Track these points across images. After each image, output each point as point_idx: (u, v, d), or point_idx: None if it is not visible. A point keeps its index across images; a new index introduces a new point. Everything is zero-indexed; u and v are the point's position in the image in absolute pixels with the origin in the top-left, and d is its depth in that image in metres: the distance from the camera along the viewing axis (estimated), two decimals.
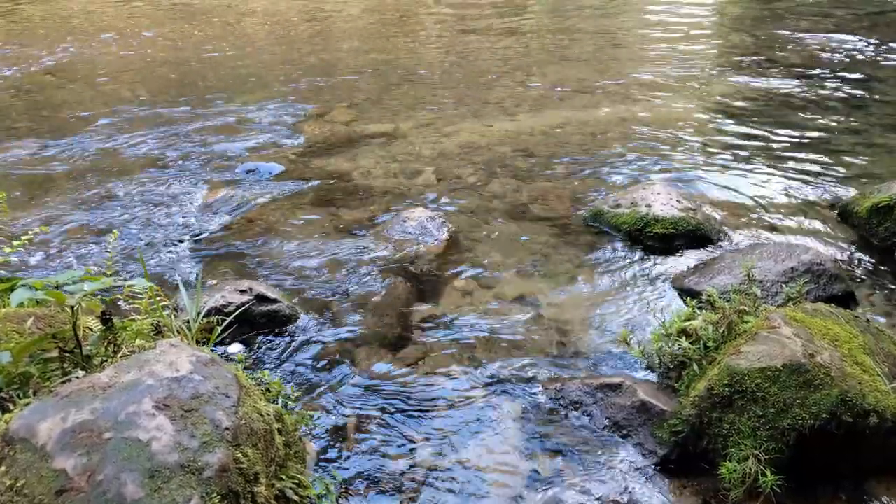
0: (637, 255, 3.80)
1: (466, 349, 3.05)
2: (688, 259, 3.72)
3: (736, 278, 3.21)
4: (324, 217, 4.34)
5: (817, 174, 4.76)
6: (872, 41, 8.21)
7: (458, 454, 2.47)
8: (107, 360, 2.10)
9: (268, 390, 2.44)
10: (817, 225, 4.08)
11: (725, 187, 4.61)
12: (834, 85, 6.72)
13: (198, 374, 1.94)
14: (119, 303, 2.96)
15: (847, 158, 5.02)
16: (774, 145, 5.32)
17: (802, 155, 5.10)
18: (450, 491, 2.31)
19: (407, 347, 3.08)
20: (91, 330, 2.26)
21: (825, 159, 5.01)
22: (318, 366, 2.96)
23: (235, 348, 2.98)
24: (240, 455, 1.82)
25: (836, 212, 4.19)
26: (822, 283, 3.22)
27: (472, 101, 6.70)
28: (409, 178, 4.94)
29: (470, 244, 3.98)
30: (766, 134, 5.56)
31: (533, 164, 5.08)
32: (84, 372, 2.01)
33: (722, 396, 2.31)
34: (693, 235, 3.85)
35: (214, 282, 3.49)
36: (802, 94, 6.49)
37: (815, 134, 5.52)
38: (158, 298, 2.61)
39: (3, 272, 3.18)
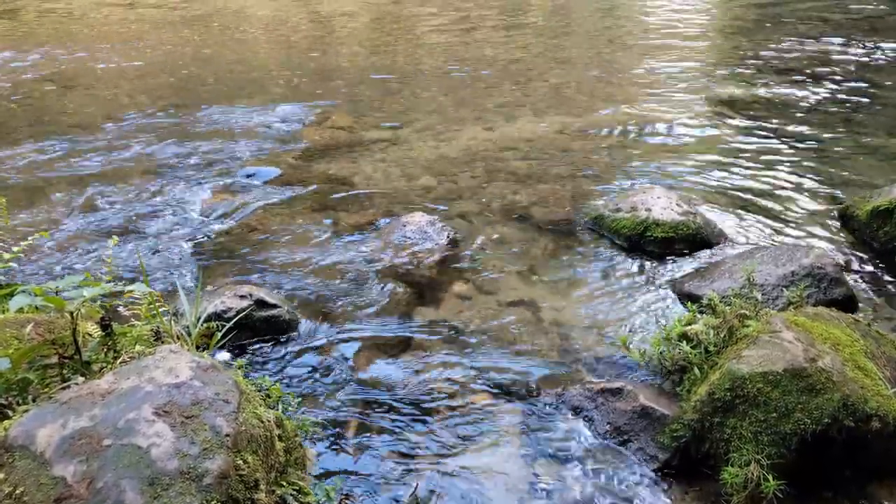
0: (637, 260, 3.80)
1: (467, 354, 3.04)
2: (688, 263, 3.72)
3: (736, 282, 3.20)
4: (324, 222, 4.33)
5: (817, 178, 4.76)
6: (870, 45, 8.23)
7: (458, 459, 2.46)
8: (106, 367, 2.09)
9: (268, 396, 2.43)
10: (817, 229, 4.08)
11: (725, 191, 4.62)
12: (833, 88, 6.74)
13: (197, 381, 1.93)
14: (119, 308, 2.95)
15: (847, 162, 5.02)
16: (774, 149, 5.33)
17: (802, 159, 5.11)
18: (450, 496, 2.30)
19: (407, 352, 3.07)
20: (90, 336, 2.25)
21: (825, 163, 5.01)
22: (319, 371, 2.95)
23: (223, 356, 2.92)
24: (240, 461, 1.81)
25: (836, 216, 4.18)
26: (822, 286, 3.22)
27: (472, 105, 6.71)
28: (409, 182, 4.94)
29: (470, 248, 3.98)
30: (766, 138, 5.57)
31: (533, 169, 5.08)
32: (83, 378, 2.01)
33: (723, 401, 2.31)
34: (693, 239, 3.85)
35: (214, 287, 3.49)
36: (801, 98, 6.50)
37: (814, 138, 5.52)
38: (158, 304, 2.60)
39: (2, 278, 3.17)
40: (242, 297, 3.17)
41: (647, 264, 3.75)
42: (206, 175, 5.10)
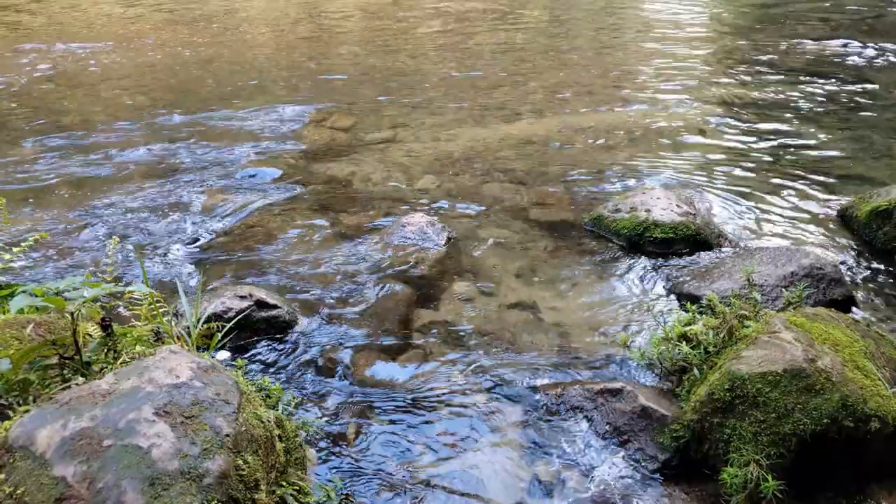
0: (637, 260, 3.80)
1: (467, 354, 3.04)
2: (688, 264, 3.72)
3: (736, 283, 3.21)
4: (323, 222, 4.34)
5: (816, 178, 4.77)
6: (870, 45, 8.23)
7: (458, 460, 2.46)
8: (107, 367, 2.10)
9: (268, 396, 2.43)
10: (817, 229, 4.08)
11: (725, 192, 4.62)
12: (832, 89, 6.74)
13: (198, 381, 1.94)
14: (119, 309, 2.96)
15: (846, 162, 5.03)
16: (774, 149, 5.33)
17: (802, 159, 5.11)
18: (450, 496, 2.30)
19: (407, 353, 3.07)
20: (91, 336, 2.25)
21: (824, 163, 5.02)
22: (319, 371, 2.95)
23: (223, 355, 2.94)
24: (240, 462, 1.81)
25: (836, 216, 4.19)
26: (822, 287, 3.22)
27: (471, 106, 6.71)
28: (408, 183, 4.95)
29: (470, 249, 3.98)
30: (766, 138, 5.57)
31: (532, 170, 5.09)
32: (84, 379, 2.01)
33: (723, 401, 2.31)
34: (693, 240, 3.85)
35: (214, 287, 3.49)
36: (801, 98, 6.51)
37: (814, 137, 5.53)
38: (158, 304, 2.60)
39: (3, 278, 3.17)
40: (242, 297, 3.17)
41: (647, 265, 3.75)
42: (207, 175, 5.11)
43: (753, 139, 5.58)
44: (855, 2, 11.12)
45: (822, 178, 4.76)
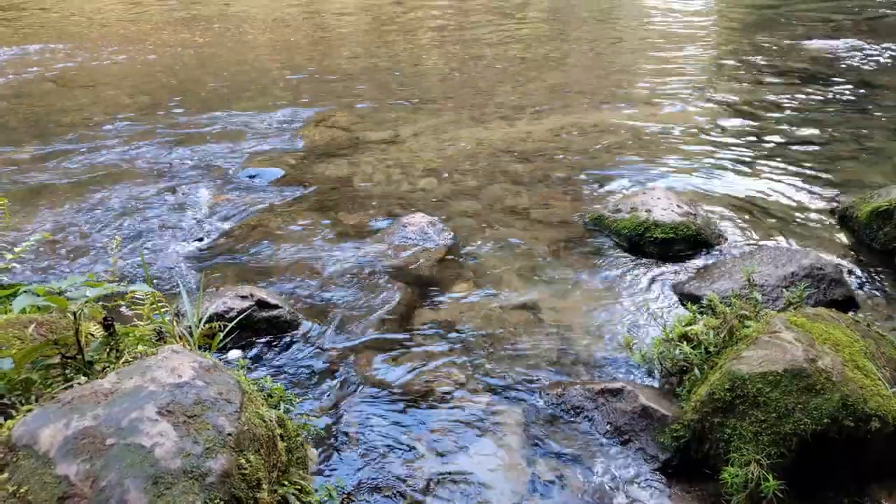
0: (637, 261, 3.80)
1: (467, 354, 3.05)
2: (688, 264, 3.73)
3: (736, 283, 3.21)
4: (324, 222, 4.34)
5: (817, 179, 4.77)
6: (870, 46, 8.24)
7: (459, 459, 2.46)
8: (109, 367, 2.10)
9: (270, 396, 2.44)
10: (817, 229, 4.09)
11: (725, 192, 4.62)
12: (833, 89, 6.75)
13: (200, 380, 1.94)
14: (121, 309, 2.96)
15: (846, 163, 5.03)
16: (774, 150, 5.33)
17: (802, 159, 5.11)
18: (451, 496, 2.30)
19: (408, 353, 3.08)
20: (93, 336, 2.26)
21: (825, 164, 5.02)
22: (320, 371, 2.96)
23: (234, 354, 2.98)
24: (242, 461, 1.82)
25: (836, 216, 4.19)
26: (822, 287, 3.23)
27: (472, 106, 6.72)
28: (409, 183, 4.95)
29: (470, 249, 3.99)
30: (766, 139, 5.58)
31: (533, 170, 5.09)
32: (86, 378, 2.02)
33: (723, 401, 2.31)
34: (693, 240, 3.86)
35: (216, 287, 3.50)
36: (801, 99, 6.51)
37: (814, 138, 5.53)
38: (160, 304, 2.61)
39: (5, 278, 3.18)
40: (244, 297, 3.18)
41: (648, 265, 3.75)
42: (208, 176, 5.11)
43: (753, 139, 5.58)
44: (855, 2, 11.13)
45: (822, 179, 4.76)
